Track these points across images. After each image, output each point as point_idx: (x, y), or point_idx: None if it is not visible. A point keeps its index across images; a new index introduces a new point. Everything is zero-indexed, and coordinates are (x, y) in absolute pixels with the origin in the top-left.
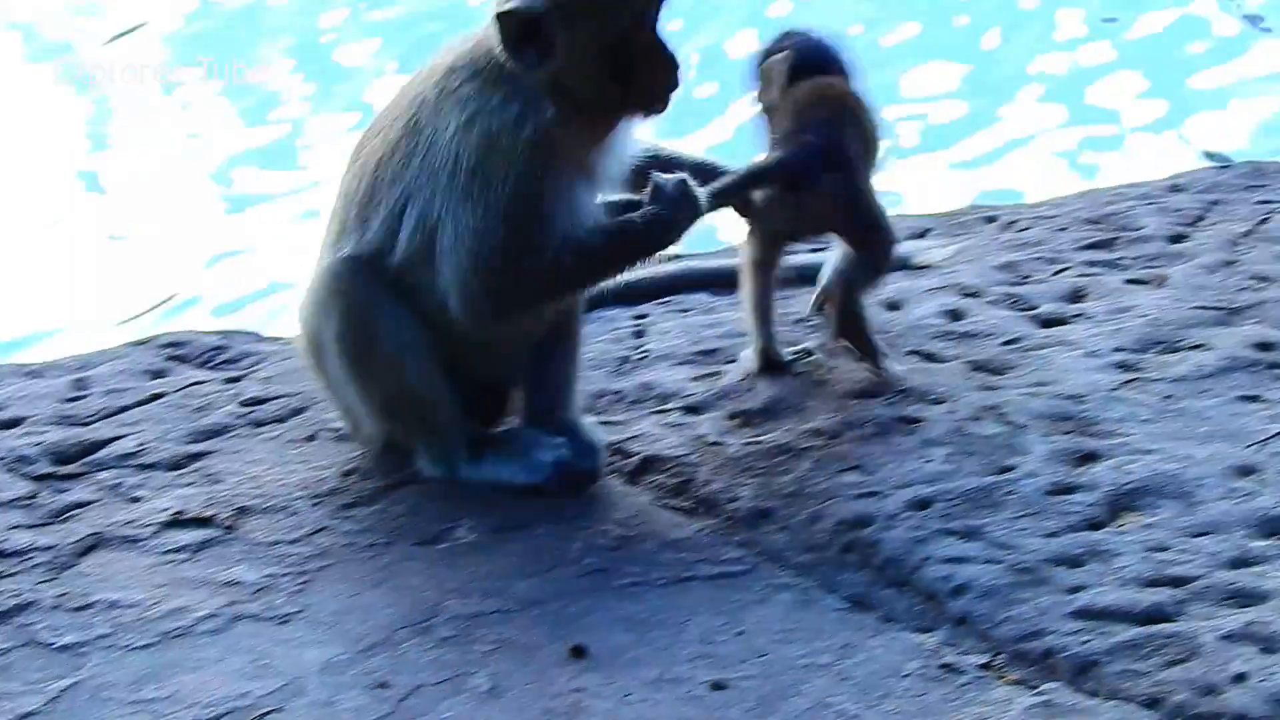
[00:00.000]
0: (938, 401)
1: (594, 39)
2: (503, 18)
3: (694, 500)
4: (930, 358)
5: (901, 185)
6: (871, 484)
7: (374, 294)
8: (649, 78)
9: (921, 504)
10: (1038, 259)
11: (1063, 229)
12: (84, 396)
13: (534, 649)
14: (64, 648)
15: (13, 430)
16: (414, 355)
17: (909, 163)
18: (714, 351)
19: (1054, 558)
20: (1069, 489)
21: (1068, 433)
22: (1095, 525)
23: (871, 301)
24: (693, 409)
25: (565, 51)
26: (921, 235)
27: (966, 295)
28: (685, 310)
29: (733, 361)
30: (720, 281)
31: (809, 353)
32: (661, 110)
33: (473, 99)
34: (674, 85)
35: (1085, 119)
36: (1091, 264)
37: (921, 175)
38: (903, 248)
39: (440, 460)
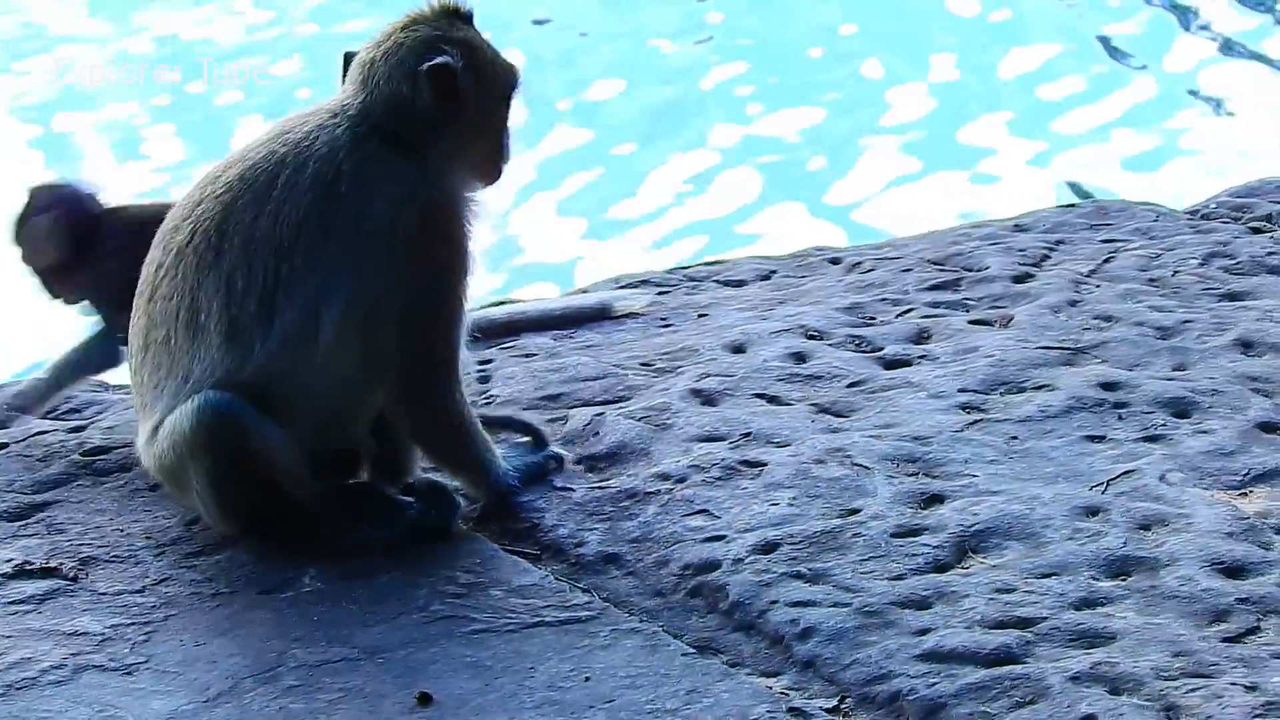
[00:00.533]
0: (783, 445)
1: (494, 97)
2: (438, 71)
3: (540, 546)
4: (775, 400)
5: (769, 229)
6: (718, 528)
7: (251, 434)
8: (505, 146)
9: (768, 547)
10: (882, 300)
11: (907, 270)
12: None
13: (380, 697)
14: None
15: None
16: (289, 478)
17: (778, 209)
18: (558, 396)
19: (901, 600)
20: (915, 531)
21: (913, 475)
22: (942, 567)
23: (717, 344)
24: None
25: (475, 107)
26: (767, 277)
27: (811, 338)
28: (529, 355)
29: (577, 406)
30: (560, 324)
31: None
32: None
33: (408, 169)
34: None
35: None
36: (936, 305)
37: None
38: (605, 295)
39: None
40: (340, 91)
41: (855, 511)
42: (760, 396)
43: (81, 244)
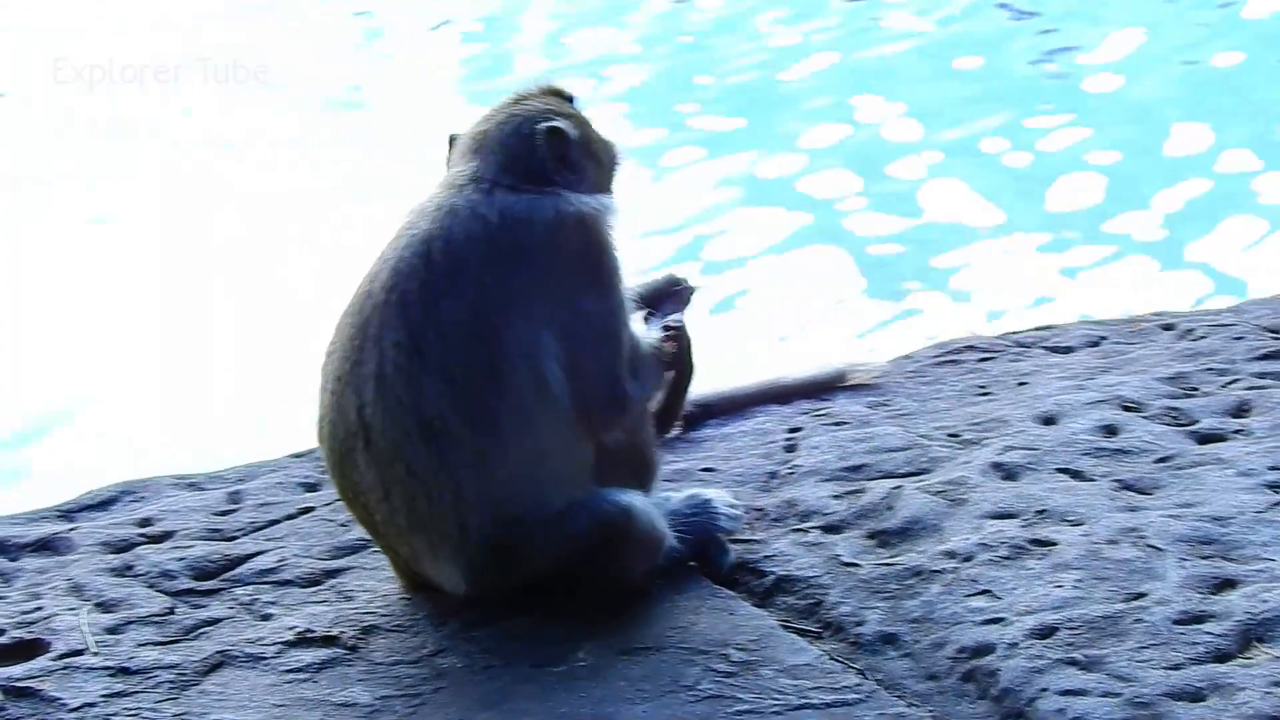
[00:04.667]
0: (1076, 523)
1: (604, 168)
2: (554, 132)
3: (821, 623)
4: (1077, 476)
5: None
6: (998, 609)
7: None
8: None
9: (1045, 632)
10: (1208, 370)
11: (1239, 337)
12: (235, 510)
13: None
14: None
15: (161, 545)
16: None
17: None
18: (861, 467)
19: (1174, 691)
20: (1199, 618)
21: (1207, 557)
22: (1222, 657)
23: (1028, 415)
24: (832, 528)
25: (589, 175)
26: (1096, 344)
27: (1126, 409)
28: (840, 424)
29: (878, 479)
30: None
31: None
32: None
33: (546, 199)
34: None
35: None
36: (1263, 375)
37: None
38: (843, 365)
39: None
40: (451, 167)
41: (1141, 595)
42: (1064, 471)
43: None
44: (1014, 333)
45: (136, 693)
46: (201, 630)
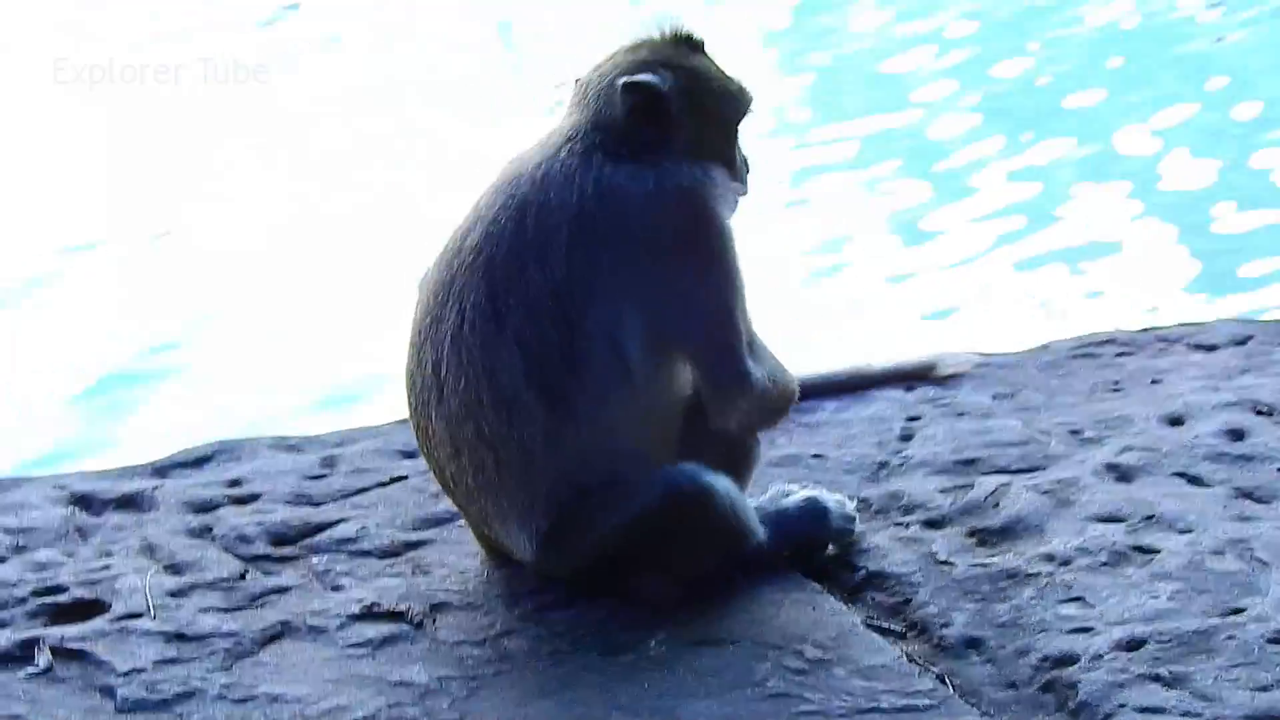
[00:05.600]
0: (1184, 531)
1: (715, 121)
2: (634, 88)
3: (906, 623)
4: (1195, 481)
5: None
6: (1088, 618)
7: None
8: (738, 170)
9: (1133, 644)
10: None
11: None
12: (327, 475)
13: None
14: None
15: (245, 507)
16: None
17: None
18: (973, 461)
19: (1259, 714)
20: None
21: None
22: None
23: (1154, 414)
24: (933, 523)
25: (693, 131)
26: (1242, 343)
27: (1259, 413)
28: (960, 414)
29: (990, 474)
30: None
31: None
32: None
33: (646, 172)
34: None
35: None
36: None
37: None
38: (933, 356)
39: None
40: (563, 117)
41: (1239, 611)
42: (1180, 475)
43: None
44: (1158, 328)
45: (189, 660)
46: (267, 599)
